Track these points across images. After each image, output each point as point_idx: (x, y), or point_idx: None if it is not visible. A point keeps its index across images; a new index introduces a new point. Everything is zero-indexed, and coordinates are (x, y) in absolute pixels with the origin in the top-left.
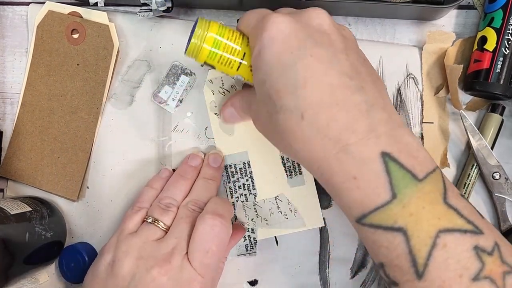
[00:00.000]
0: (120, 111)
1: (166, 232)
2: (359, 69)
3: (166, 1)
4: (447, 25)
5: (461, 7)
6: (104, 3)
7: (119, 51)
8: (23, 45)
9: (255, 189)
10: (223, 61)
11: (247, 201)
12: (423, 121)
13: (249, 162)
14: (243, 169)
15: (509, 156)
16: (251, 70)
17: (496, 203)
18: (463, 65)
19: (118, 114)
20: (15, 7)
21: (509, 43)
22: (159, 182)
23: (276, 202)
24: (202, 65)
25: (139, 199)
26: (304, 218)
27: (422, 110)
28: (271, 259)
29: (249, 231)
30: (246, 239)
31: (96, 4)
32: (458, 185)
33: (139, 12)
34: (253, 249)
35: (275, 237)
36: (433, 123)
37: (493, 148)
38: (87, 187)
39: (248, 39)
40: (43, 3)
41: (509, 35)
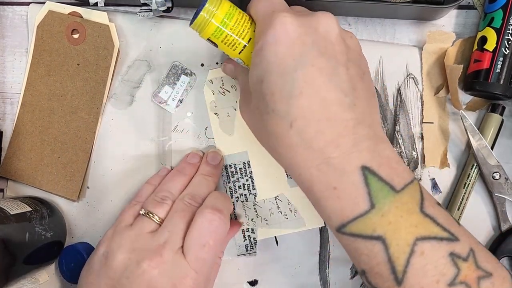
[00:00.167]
0: (120, 111)
1: (160, 225)
2: (356, 84)
3: (166, 1)
4: (447, 25)
5: (461, 7)
6: (104, 3)
7: (119, 51)
8: (23, 45)
9: (255, 189)
10: (228, 41)
11: (247, 201)
12: (423, 121)
13: (249, 162)
14: (243, 169)
15: (509, 156)
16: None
17: (496, 203)
18: (463, 65)
19: (118, 114)
20: (15, 7)
21: (509, 43)
22: (158, 179)
23: (276, 202)
24: (206, 40)
25: (137, 194)
26: (304, 218)
27: (422, 110)
28: (271, 259)
29: (249, 231)
30: (246, 239)
31: (96, 4)
32: (458, 185)
33: (139, 12)
34: (253, 249)
35: (275, 237)
36: (433, 123)
37: (493, 148)
38: (87, 187)
39: (255, 24)
40: (43, 3)
41: (509, 35)
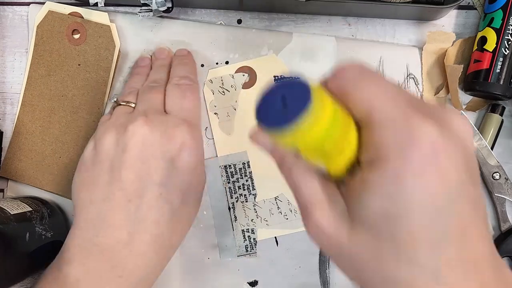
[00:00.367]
0: None
1: None
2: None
3: (166, 1)
4: (447, 25)
5: (461, 7)
6: (104, 4)
7: (120, 51)
8: (23, 45)
9: (254, 189)
10: (331, 152)
11: (246, 201)
12: None
13: (249, 162)
14: (243, 169)
15: (509, 156)
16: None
17: (496, 203)
18: (463, 65)
19: None
20: (15, 7)
21: (509, 43)
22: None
23: (276, 202)
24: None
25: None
26: None
27: None
28: (271, 260)
29: (249, 232)
30: (246, 240)
31: (96, 4)
32: None
33: (139, 12)
34: (253, 249)
35: (275, 237)
36: None
37: (493, 148)
38: None
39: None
40: (43, 3)
41: (509, 35)
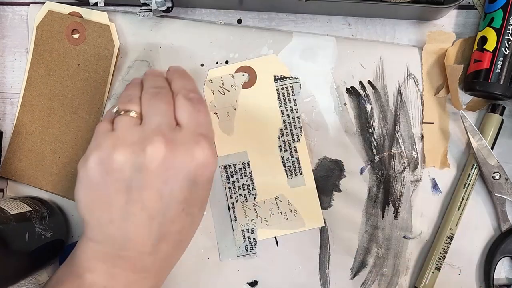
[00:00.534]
0: None
1: (140, 118)
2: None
3: (166, 1)
4: (447, 25)
5: (461, 7)
6: (104, 3)
7: (119, 51)
8: (23, 45)
9: (254, 189)
10: None
11: (246, 201)
12: (423, 121)
13: (249, 162)
14: (243, 169)
15: (509, 156)
16: None
17: (496, 203)
18: (463, 65)
19: None
20: (15, 7)
21: (509, 43)
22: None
23: (276, 202)
24: None
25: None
26: (304, 218)
27: (422, 110)
28: (271, 260)
29: (248, 232)
30: (246, 240)
31: (96, 4)
32: (458, 185)
33: (139, 12)
34: (253, 249)
35: (275, 237)
36: (433, 123)
37: (493, 148)
38: None
39: None
40: (43, 3)
41: (509, 35)
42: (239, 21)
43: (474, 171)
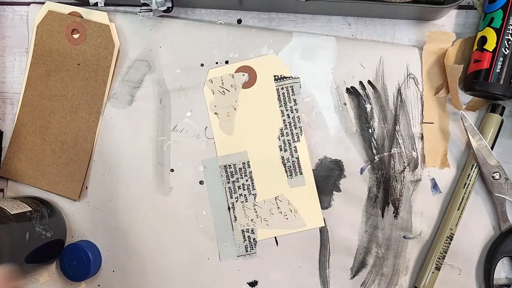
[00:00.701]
0: (120, 111)
1: None
2: None
3: (166, 1)
4: (447, 25)
5: (461, 7)
6: (104, 3)
7: (119, 51)
8: (23, 45)
9: (254, 189)
10: None
11: (246, 201)
12: (423, 121)
13: (249, 162)
14: (243, 169)
15: (509, 156)
16: None
17: (496, 203)
18: (463, 65)
19: (118, 113)
20: (15, 7)
21: (509, 43)
22: None
23: (276, 202)
24: None
25: None
26: (304, 218)
27: (422, 110)
28: (271, 260)
29: (248, 232)
30: (245, 240)
31: (96, 4)
32: (458, 185)
33: (139, 12)
34: (252, 249)
35: (275, 237)
36: (433, 123)
37: (493, 148)
38: (86, 187)
39: None
40: (43, 3)
41: (509, 35)
42: (239, 21)
43: (474, 171)
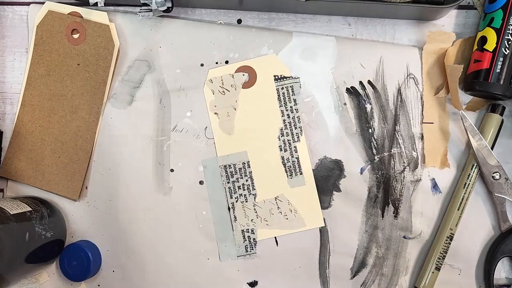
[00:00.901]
0: (120, 111)
1: None
2: None
3: (166, 1)
4: (447, 25)
5: (461, 7)
6: (104, 3)
7: (119, 51)
8: (23, 45)
9: (254, 189)
10: None
11: (246, 201)
12: (423, 121)
13: (249, 162)
14: (243, 169)
15: (509, 156)
16: None
17: (496, 203)
18: (463, 65)
19: (118, 113)
20: (15, 7)
21: (509, 43)
22: None
23: (276, 202)
24: None
25: None
26: (304, 218)
27: (422, 110)
28: (271, 260)
29: (248, 232)
30: (245, 240)
31: (96, 4)
32: (458, 185)
33: (139, 12)
34: (252, 250)
35: (275, 237)
36: (433, 123)
37: (493, 148)
38: (85, 187)
39: None
40: (43, 3)
41: (509, 35)
42: (239, 21)
43: (474, 171)
